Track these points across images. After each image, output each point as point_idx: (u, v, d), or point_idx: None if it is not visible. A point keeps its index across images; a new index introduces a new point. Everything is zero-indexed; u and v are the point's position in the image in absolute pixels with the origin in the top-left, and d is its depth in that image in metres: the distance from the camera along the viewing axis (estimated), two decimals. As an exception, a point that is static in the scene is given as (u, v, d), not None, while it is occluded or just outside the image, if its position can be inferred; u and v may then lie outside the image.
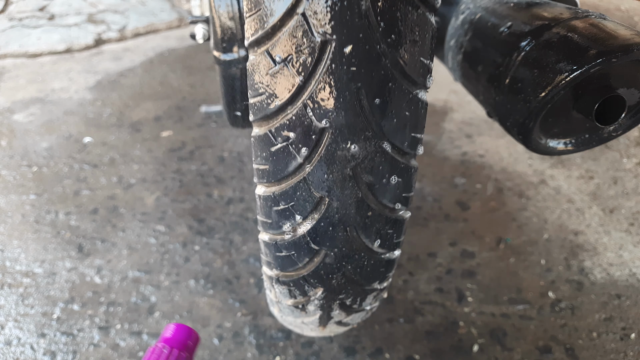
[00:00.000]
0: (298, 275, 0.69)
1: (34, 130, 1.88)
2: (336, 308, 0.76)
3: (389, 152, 0.57)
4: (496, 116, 0.77)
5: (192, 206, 1.46)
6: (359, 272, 0.69)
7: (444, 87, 2.14)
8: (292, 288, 0.72)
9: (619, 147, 1.72)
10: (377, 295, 0.78)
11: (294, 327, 0.86)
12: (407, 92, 0.54)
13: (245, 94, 0.93)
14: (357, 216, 0.62)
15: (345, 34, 0.49)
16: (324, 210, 0.60)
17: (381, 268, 0.71)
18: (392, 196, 0.62)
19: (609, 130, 0.72)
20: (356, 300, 0.76)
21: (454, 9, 0.93)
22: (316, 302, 0.74)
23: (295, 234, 0.64)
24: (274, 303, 0.82)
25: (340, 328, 0.84)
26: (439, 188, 1.53)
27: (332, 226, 0.62)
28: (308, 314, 0.77)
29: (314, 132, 0.54)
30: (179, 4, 3.32)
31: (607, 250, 1.29)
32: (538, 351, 1.04)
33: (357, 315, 0.81)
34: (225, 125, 1.88)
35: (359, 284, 0.71)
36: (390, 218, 0.64)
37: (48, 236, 1.36)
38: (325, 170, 0.57)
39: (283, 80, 0.52)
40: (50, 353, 1.04)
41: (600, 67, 0.59)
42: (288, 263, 0.68)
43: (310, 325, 0.81)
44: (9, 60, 2.54)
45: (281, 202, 0.61)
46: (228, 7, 0.83)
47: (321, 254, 0.65)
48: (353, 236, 0.64)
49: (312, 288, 0.71)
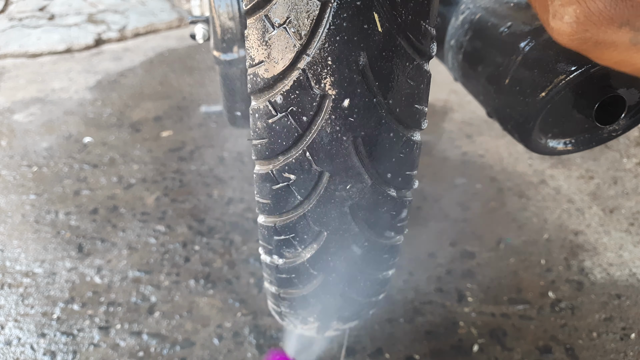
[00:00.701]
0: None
1: (34, 130, 1.88)
2: (334, 320, 0.81)
3: (385, 191, 0.61)
4: (496, 116, 0.77)
5: (192, 206, 1.46)
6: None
7: (444, 87, 2.14)
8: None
9: (619, 147, 1.72)
10: (373, 305, 0.84)
11: None
12: (402, 136, 0.58)
13: (245, 94, 0.93)
14: (354, 245, 0.67)
15: (343, 88, 0.52)
16: (323, 241, 0.65)
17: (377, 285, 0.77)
18: (387, 227, 0.66)
19: (609, 130, 0.72)
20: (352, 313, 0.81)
21: (454, 9, 0.93)
22: (315, 316, 0.79)
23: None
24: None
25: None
26: (439, 188, 1.53)
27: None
28: (307, 324, 0.82)
29: (314, 175, 0.58)
30: (179, 4, 3.32)
31: (607, 250, 1.29)
32: (538, 351, 1.04)
33: (353, 323, 0.86)
34: (225, 125, 1.88)
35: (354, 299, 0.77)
36: (386, 245, 0.69)
37: (48, 236, 1.36)
38: (324, 208, 0.61)
39: (285, 129, 0.55)
40: (50, 353, 1.04)
41: (600, 67, 0.59)
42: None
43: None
44: (9, 60, 2.54)
45: (283, 234, 0.66)
46: (228, 7, 0.83)
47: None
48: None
49: None
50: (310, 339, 1.02)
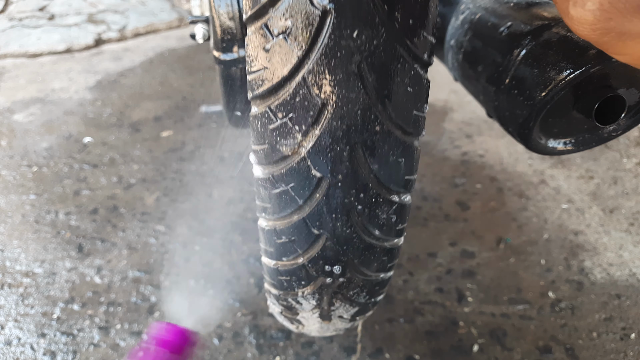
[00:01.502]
0: None
1: (34, 130, 1.88)
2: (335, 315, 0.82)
3: (383, 194, 0.61)
4: (496, 116, 0.77)
5: (192, 206, 1.46)
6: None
7: (444, 87, 2.14)
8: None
9: (619, 147, 1.72)
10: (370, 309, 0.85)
11: None
12: (402, 143, 0.58)
13: (245, 94, 0.93)
14: (354, 249, 0.67)
15: (343, 96, 0.52)
16: (322, 245, 0.65)
17: (376, 286, 0.77)
18: (387, 230, 0.66)
19: (609, 130, 0.72)
20: (350, 313, 0.82)
21: (454, 9, 0.93)
22: (316, 316, 0.79)
23: None
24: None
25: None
26: (439, 188, 1.53)
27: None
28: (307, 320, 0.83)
29: (311, 180, 0.58)
30: (179, 4, 3.32)
31: (607, 250, 1.29)
32: (538, 351, 1.04)
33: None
34: (225, 125, 1.88)
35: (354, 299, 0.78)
36: (384, 248, 0.69)
37: (48, 236, 1.36)
38: (325, 210, 0.61)
39: (285, 136, 0.56)
40: (50, 353, 1.04)
41: (600, 67, 0.59)
42: None
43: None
44: (9, 60, 2.54)
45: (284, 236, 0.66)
46: (228, 7, 0.83)
47: None
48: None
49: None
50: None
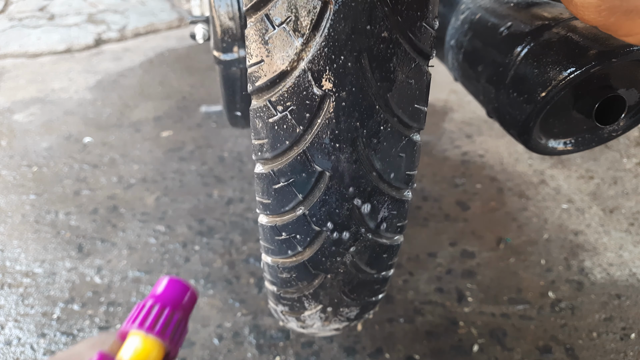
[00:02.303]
0: None
1: (34, 130, 1.88)
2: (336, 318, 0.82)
3: (385, 190, 0.62)
4: (496, 116, 0.77)
5: (192, 206, 1.46)
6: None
7: (444, 87, 2.14)
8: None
9: (619, 147, 1.72)
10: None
11: None
12: (403, 136, 0.58)
13: (245, 94, 0.94)
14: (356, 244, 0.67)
15: (344, 88, 0.52)
16: (323, 240, 0.65)
17: (376, 285, 0.77)
18: (389, 228, 0.67)
19: (609, 130, 0.72)
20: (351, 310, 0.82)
21: (454, 9, 0.93)
22: (317, 314, 0.79)
23: None
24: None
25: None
26: (439, 188, 1.53)
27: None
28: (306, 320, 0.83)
29: (313, 174, 0.58)
30: (179, 4, 3.32)
31: (607, 250, 1.29)
32: (538, 351, 1.04)
33: None
34: (225, 125, 1.88)
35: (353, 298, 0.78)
36: (385, 245, 0.69)
37: (48, 236, 1.36)
38: (326, 207, 0.61)
39: (285, 129, 0.56)
40: (50, 353, 1.04)
41: (600, 67, 0.59)
42: None
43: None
44: (9, 60, 2.54)
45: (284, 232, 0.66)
46: (228, 7, 0.83)
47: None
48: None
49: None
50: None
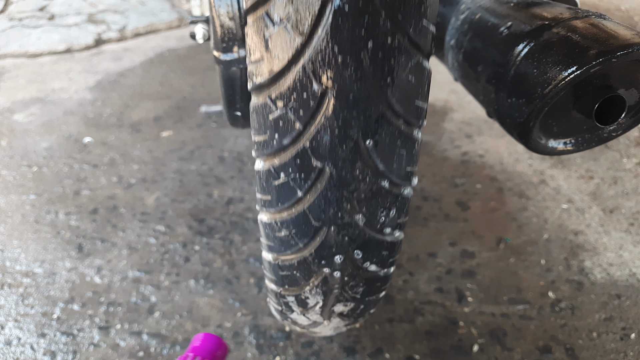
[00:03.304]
0: None
1: (34, 130, 1.88)
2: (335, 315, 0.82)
3: (386, 186, 0.61)
4: (496, 116, 0.77)
5: (192, 206, 1.46)
6: None
7: (444, 87, 2.14)
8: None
9: (619, 147, 1.72)
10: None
11: None
12: (403, 133, 0.58)
13: (245, 94, 0.93)
14: (356, 237, 0.66)
15: (344, 85, 0.52)
16: (324, 237, 0.65)
17: (377, 283, 0.77)
18: (388, 224, 0.66)
19: (609, 130, 0.72)
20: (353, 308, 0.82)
21: (454, 9, 0.93)
22: (316, 310, 0.78)
23: None
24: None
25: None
26: (439, 188, 1.53)
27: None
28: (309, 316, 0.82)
29: (313, 169, 0.58)
30: (179, 4, 3.32)
31: (607, 250, 1.29)
32: (538, 351, 1.04)
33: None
34: (225, 125, 1.88)
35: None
36: (383, 241, 0.69)
37: (48, 236, 1.36)
38: (324, 203, 0.61)
39: (285, 126, 0.56)
40: (50, 353, 1.04)
41: (600, 67, 0.59)
42: None
43: None
44: (9, 60, 2.54)
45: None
46: (228, 7, 0.83)
47: None
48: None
49: None
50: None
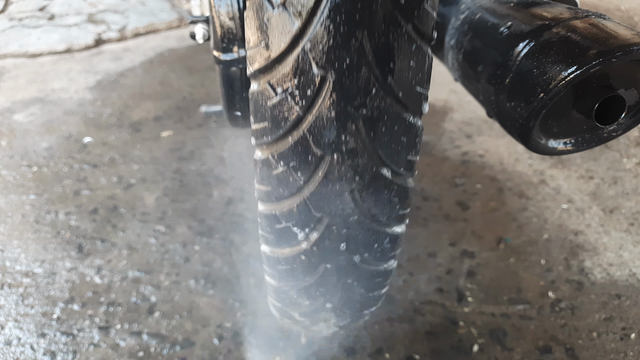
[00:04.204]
0: None
1: (34, 130, 1.88)
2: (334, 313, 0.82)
3: (387, 176, 0.61)
4: (496, 116, 0.77)
5: (192, 206, 1.46)
6: None
7: (444, 87, 2.14)
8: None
9: (619, 147, 1.72)
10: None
11: None
12: (404, 119, 0.57)
13: (245, 93, 0.93)
14: (357, 234, 0.66)
15: (344, 69, 0.51)
16: (324, 227, 0.64)
17: (378, 278, 0.77)
18: (388, 213, 0.66)
19: (609, 130, 0.72)
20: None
21: (454, 9, 0.93)
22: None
23: None
24: None
25: None
26: (439, 188, 1.53)
27: None
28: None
29: (314, 158, 0.57)
30: (179, 4, 3.32)
31: (607, 250, 1.29)
32: (538, 351, 1.04)
33: None
34: (225, 125, 1.88)
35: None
36: (386, 232, 0.69)
37: (48, 236, 1.36)
38: (324, 192, 0.60)
39: (284, 111, 0.55)
40: (50, 353, 1.04)
41: (600, 67, 0.59)
42: None
43: None
44: (9, 60, 2.54)
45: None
46: (228, 7, 0.83)
47: None
48: None
49: None
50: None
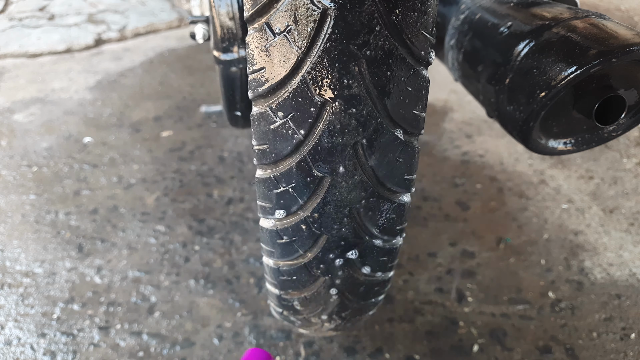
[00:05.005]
0: None
1: (34, 130, 1.88)
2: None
3: (385, 195, 0.62)
4: (496, 116, 0.77)
5: (192, 206, 1.46)
6: None
7: (444, 87, 2.14)
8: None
9: (619, 147, 1.72)
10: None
11: None
12: (402, 142, 0.58)
13: (246, 93, 0.94)
14: (355, 240, 0.68)
15: (343, 95, 0.52)
16: (323, 245, 0.65)
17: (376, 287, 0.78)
18: (386, 227, 0.67)
19: (609, 130, 0.72)
20: None
21: (454, 9, 0.93)
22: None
23: None
24: None
25: None
26: (439, 188, 1.53)
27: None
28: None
29: (313, 180, 0.58)
30: (179, 4, 3.32)
31: (607, 250, 1.29)
32: (538, 351, 1.04)
33: None
34: (225, 125, 1.88)
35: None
36: (385, 248, 0.70)
37: (48, 236, 1.36)
38: (327, 212, 0.62)
39: (286, 135, 0.56)
40: (50, 353, 1.04)
41: (600, 67, 0.59)
42: None
43: None
44: (9, 60, 2.54)
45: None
46: (228, 7, 0.83)
47: None
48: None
49: None
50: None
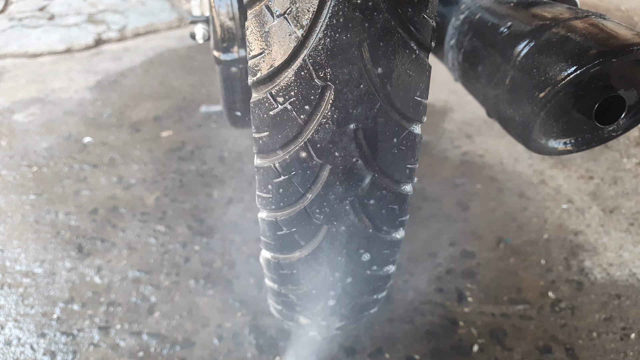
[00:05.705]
0: None
1: (34, 130, 1.88)
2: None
3: (386, 183, 0.61)
4: (496, 116, 0.77)
5: (192, 206, 1.46)
6: None
7: (444, 87, 2.14)
8: None
9: (619, 147, 1.72)
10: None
11: None
12: (403, 128, 0.58)
13: (245, 93, 0.94)
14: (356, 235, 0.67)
15: (344, 79, 0.52)
16: (323, 235, 0.65)
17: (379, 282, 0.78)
18: (386, 221, 0.67)
19: (609, 130, 0.72)
20: None
21: (454, 9, 0.93)
22: None
23: None
24: None
25: None
26: (439, 188, 1.53)
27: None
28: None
29: (314, 168, 0.58)
30: (179, 4, 3.32)
31: (607, 250, 1.29)
32: (538, 351, 1.04)
33: None
34: (225, 125, 1.88)
35: None
36: (384, 239, 0.69)
37: (48, 236, 1.36)
38: (324, 200, 0.61)
39: (286, 122, 0.55)
40: (50, 353, 1.04)
41: (600, 67, 0.59)
42: None
43: None
44: (9, 60, 2.54)
45: None
46: (228, 7, 0.83)
47: None
48: None
49: None
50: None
